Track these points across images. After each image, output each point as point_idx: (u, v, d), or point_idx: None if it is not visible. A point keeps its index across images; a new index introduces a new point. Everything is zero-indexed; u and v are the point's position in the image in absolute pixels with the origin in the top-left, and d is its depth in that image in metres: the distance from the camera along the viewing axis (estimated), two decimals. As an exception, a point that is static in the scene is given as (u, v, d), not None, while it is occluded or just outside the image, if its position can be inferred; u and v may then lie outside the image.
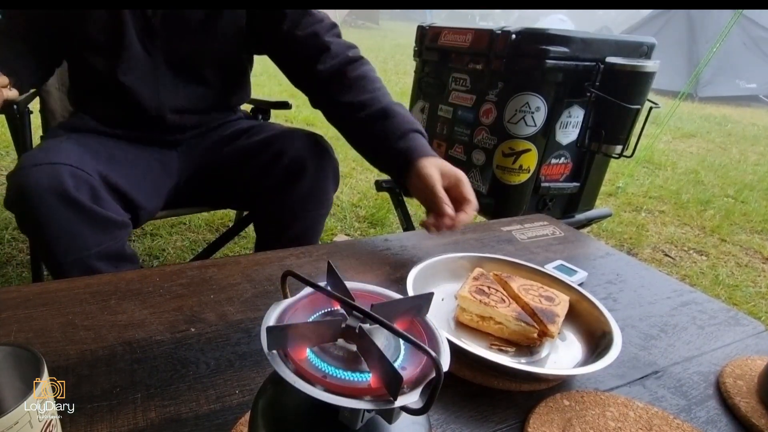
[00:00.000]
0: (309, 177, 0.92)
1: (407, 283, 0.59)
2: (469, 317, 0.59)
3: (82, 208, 0.74)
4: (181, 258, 1.65)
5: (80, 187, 0.74)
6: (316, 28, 0.89)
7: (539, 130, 1.36)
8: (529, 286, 0.62)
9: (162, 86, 0.92)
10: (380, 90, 0.88)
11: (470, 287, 0.60)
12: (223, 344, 0.52)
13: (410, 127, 0.82)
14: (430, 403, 0.27)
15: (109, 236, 0.78)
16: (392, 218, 2.15)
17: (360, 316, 0.30)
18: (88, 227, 0.76)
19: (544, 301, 0.59)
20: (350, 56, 0.89)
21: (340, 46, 0.89)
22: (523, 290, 0.60)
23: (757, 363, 0.57)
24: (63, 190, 0.72)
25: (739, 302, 1.78)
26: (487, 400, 0.49)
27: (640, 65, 1.29)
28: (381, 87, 0.89)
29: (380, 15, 16.87)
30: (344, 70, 0.87)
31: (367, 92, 0.86)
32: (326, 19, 0.91)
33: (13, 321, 0.52)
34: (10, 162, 2.24)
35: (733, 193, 3.03)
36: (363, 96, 0.85)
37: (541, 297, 0.59)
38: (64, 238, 0.74)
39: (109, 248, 0.79)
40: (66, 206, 0.73)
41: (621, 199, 2.74)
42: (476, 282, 0.61)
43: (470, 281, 0.62)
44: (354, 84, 0.87)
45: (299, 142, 0.94)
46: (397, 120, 0.82)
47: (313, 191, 0.94)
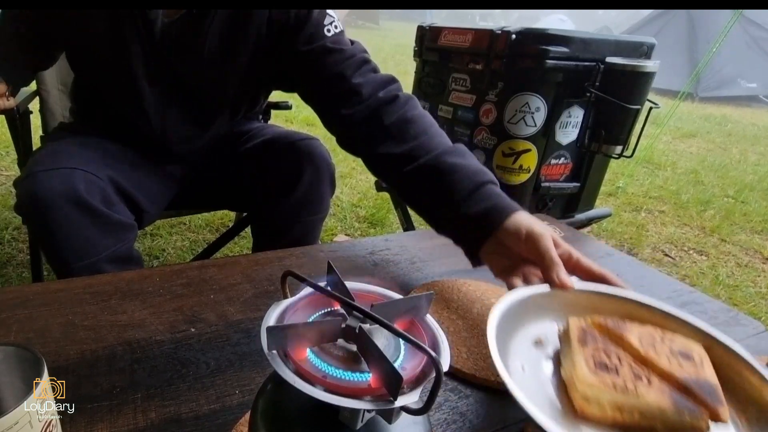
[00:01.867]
0: (305, 182, 0.91)
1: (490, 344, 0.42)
2: (599, 409, 0.40)
3: (95, 212, 0.74)
4: (181, 258, 1.65)
5: (92, 192, 0.74)
6: (342, 68, 0.75)
7: (539, 130, 1.36)
8: (651, 338, 0.46)
9: (168, 116, 0.87)
10: (427, 133, 0.70)
11: (585, 360, 0.42)
12: (223, 344, 0.52)
13: (479, 179, 0.64)
14: (430, 403, 0.27)
15: (119, 240, 0.78)
16: (392, 218, 2.15)
17: (360, 316, 0.30)
18: (100, 231, 0.75)
19: (684, 362, 0.43)
20: (382, 98, 0.73)
21: (372, 87, 0.74)
22: (648, 346, 0.45)
23: (758, 363, 0.57)
24: (76, 196, 0.72)
25: (739, 302, 1.78)
26: (488, 399, 0.49)
27: (640, 65, 1.29)
28: (427, 129, 0.71)
29: (380, 15, 16.88)
30: (378, 115, 0.72)
31: (409, 139, 0.69)
32: (358, 54, 0.78)
33: (13, 321, 0.52)
34: (10, 162, 2.24)
35: (733, 193, 3.03)
36: (405, 145, 0.69)
37: (676, 356, 0.43)
38: (76, 242, 0.74)
39: (119, 251, 0.78)
40: (79, 211, 0.73)
41: (621, 199, 2.74)
42: (586, 348, 0.44)
43: (577, 347, 0.44)
44: (391, 131, 0.71)
45: (295, 146, 0.92)
46: (458, 174, 0.64)
47: (310, 196, 0.93)
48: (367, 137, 0.73)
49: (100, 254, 0.76)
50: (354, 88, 0.74)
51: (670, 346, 0.45)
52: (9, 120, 1.08)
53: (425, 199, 0.69)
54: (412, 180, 0.68)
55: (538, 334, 0.50)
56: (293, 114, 3.58)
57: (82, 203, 0.72)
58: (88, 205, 0.73)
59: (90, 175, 0.75)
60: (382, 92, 0.74)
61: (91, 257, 0.75)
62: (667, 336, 0.46)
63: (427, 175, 0.66)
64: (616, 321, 0.48)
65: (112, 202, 0.78)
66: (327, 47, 0.77)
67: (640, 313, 0.51)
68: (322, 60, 0.77)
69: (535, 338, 0.49)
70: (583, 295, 0.52)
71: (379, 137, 0.72)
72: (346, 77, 0.75)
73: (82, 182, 0.73)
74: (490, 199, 0.62)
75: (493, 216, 0.60)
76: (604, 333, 0.47)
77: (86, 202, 0.73)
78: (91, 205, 0.73)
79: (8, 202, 1.86)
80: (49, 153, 0.80)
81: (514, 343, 0.47)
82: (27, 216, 0.75)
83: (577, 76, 1.33)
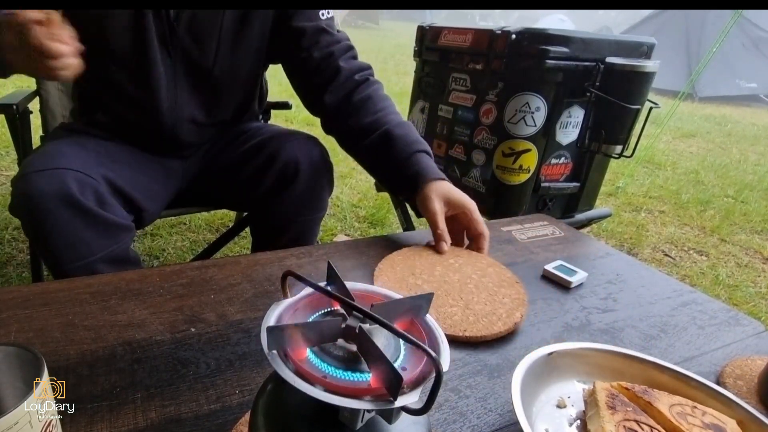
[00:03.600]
0: (303, 180, 0.91)
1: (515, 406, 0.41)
2: None
3: (88, 212, 0.74)
4: (181, 258, 1.65)
5: (85, 192, 0.74)
6: (332, 49, 0.88)
7: (539, 130, 1.36)
8: (680, 408, 0.44)
9: (180, 99, 0.89)
10: (384, 110, 0.86)
11: (616, 428, 0.41)
12: (223, 344, 0.52)
13: (414, 149, 0.81)
14: (430, 403, 0.27)
15: (114, 240, 0.78)
16: (392, 218, 2.15)
17: (360, 316, 0.30)
18: (94, 232, 0.75)
19: None
20: (357, 80, 0.88)
21: (350, 71, 0.88)
22: (678, 416, 0.43)
23: (757, 363, 0.57)
24: (68, 196, 0.72)
25: (739, 302, 1.78)
26: (488, 398, 0.49)
27: (640, 65, 1.29)
28: (385, 107, 0.87)
29: (380, 15, 16.88)
30: (350, 94, 0.87)
31: (369, 114, 0.85)
32: (343, 40, 0.91)
33: (13, 321, 0.52)
34: (10, 162, 2.24)
35: (733, 193, 3.03)
36: (366, 119, 0.85)
37: (709, 430, 0.42)
38: (71, 243, 0.74)
39: (114, 252, 0.78)
40: (72, 212, 0.72)
41: (621, 199, 2.74)
42: (615, 414, 0.43)
43: (606, 413, 0.43)
44: (358, 108, 0.86)
45: (293, 145, 0.93)
46: (399, 144, 0.81)
47: (308, 195, 0.93)
48: (341, 116, 0.87)
49: (95, 255, 0.75)
50: (338, 69, 0.87)
51: (702, 419, 0.44)
52: (9, 120, 1.09)
53: (376, 164, 0.86)
54: (369, 150, 0.85)
55: (560, 395, 0.49)
56: (293, 114, 3.58)
57: (75, 204, 0.72)
58: (80, 205, 0.73)
59: (83, 175, 0.75)
60: (357, 75, 0.89)
61: (85, 258, 0.75)
62: (701, 409, 0.45)
63: (378, 145, 0.83)
64: (643, 388, 0.47)
65: (107, 202, 0.77)
66: (321, 27, 0.88)
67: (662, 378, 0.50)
68: (316, 38, 0.88)
69: (557, 400, 0.48)
70: (606, 356, 0.52)
71: (349, 114, 0.86)
72: (333, 57, 0.88)
73: (74, 182, 0.73)
74: (418, 164, 0.79)
75: (417, 179, 0.78)
76: (632, 399, 0.46)
77: (79, 202, 0.72)
78: (84, 205, 0.73)
79: (8, 202, 1.86)
80: (43, 154, 0.79)
81: (538, 405, 0.47)
82: (21, 217, 0.75)
83: (577, 76, 1.33)
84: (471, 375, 0.52)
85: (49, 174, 0.73)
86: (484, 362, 0.54)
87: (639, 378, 0.50)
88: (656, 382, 0.49)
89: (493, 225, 0.93)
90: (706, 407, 0.46)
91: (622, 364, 0.51)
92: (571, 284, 0.72)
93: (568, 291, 0.71)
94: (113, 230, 0.78)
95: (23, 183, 0.73)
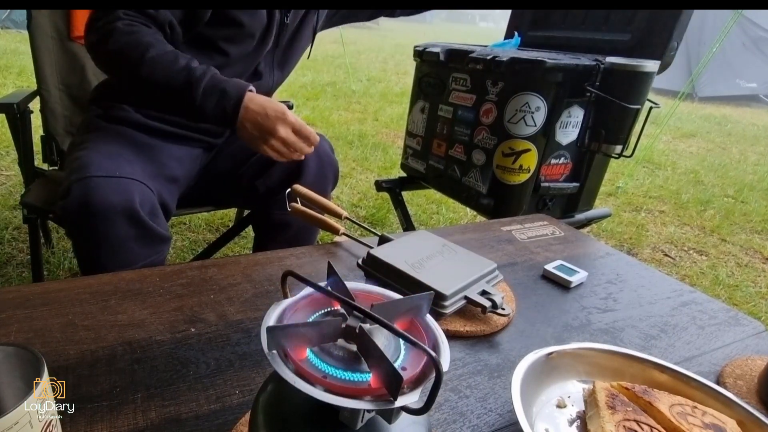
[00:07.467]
0: (309, 174, 0.93)
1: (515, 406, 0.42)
2: None
3: (143, 225, 0.74)
4: (181, 258, 1.65)
5: (145, 205, 0.74)
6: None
7: (539, 130, 1.35)
8: (680, 408, 0.45)
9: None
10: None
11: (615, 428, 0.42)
12: (223, 344, 0.52)
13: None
14: (430, 403, 0.27)
15: (155, 250, 0.78)
16: (392, 218, 2.15)
17: (360, 316, 0.30)
18: (141, 242, 0.75)
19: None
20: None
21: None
22: (679, 416, 0.43)
23: (757, 363, 0.57)
24: (131, 209, 0.71)
25: (739, 302, 1.78)
26: (488, 398, 0.49)
27: (640, 65, 1.29)
28: None
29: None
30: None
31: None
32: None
33: (13, 321, 0.52)
34: (10, 162, 2.24)
35: (733, 193, 3.03)
36: None
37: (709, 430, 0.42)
38: (119, 252, 0.74)
39: (152, 261, 0.79)
40: (129, 222, 0.72)
41: (621, 199, 2.74)
42: (615, 414, 0.43)
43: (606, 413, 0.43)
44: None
45: None
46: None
47: (312, 189, 0.93)
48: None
49: (136, 263, 0.76)
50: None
51: (702, 418, 0.44)
52: (10, 119, 1.09)
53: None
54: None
55: (560, 395, 0.49)
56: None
57: (134, 216, 0.72)
58: (138, 218, 0.73)
59: (145, 187, 0.75)
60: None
61: (128, 266, 0.74)
62: (701, 409, 0.45)
63: None
64: (643, 388, 0.47)
65: (158, 215, 0.78)
66: None
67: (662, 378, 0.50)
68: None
69: (557, 399, 0.48)
70: (606, 355, 0.51)
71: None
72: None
73: (138, 195, 0.72)
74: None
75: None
76: (632, 399, 0.46)
77: (138, 215, 0.72)
78: (141, 218, 0.73)
79: (8, 202, 1.86)
80: (100, 153, 0.76)
81: (538, 405, 0.47)
82: (74, 220, 0.72)
83: (577, 75, 1.33)
84: (471, 375, 0.52)
85: (115, 183, 0.71)
86: (484, 362, 0.54)
87: (639, 378, 0.50)
88: (656, 382, 0.49)
89: (493, 225, 0.93)
90: (706, 407, 0.46)
91: (622, 364, 0.51)
92: (571, 284, 0.72)
93: (568, 291, 0.71)
94: (157, 241, 0.78)
95: (85, 187, 0.70)
